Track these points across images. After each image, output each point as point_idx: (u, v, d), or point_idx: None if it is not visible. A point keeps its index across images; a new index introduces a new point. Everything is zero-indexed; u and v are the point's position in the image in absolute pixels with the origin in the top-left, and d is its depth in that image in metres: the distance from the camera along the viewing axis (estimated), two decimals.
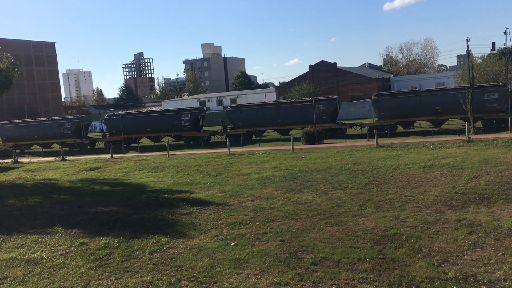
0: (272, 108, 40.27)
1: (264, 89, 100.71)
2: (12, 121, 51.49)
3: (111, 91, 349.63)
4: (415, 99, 36.48)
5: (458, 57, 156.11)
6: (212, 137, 42.97)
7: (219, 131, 43.16)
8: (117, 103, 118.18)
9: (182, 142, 41.79)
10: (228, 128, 41.91)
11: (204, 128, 43.74)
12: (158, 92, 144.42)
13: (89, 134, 49.48)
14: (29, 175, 26.33)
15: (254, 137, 40.46)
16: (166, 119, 42.42)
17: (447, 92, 36.37)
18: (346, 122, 42.52)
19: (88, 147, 45.18)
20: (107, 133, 45.90)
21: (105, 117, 46.21)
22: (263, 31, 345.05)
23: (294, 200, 14.85)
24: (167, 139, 39.91)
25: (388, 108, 36.73)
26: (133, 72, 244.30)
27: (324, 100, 39.16)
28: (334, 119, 38.34)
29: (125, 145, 41.28)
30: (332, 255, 9.67)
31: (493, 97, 34.14)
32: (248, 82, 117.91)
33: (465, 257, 9.12)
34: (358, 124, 39.41)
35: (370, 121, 39.86)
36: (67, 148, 43.17)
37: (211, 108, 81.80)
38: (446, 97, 35.47)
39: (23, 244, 12.16)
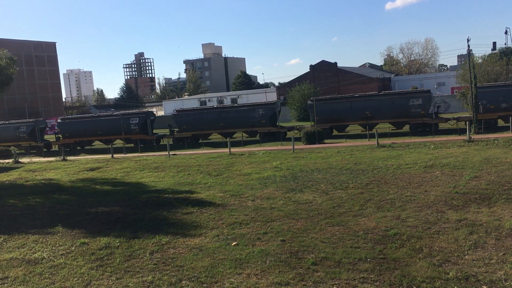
0: (215, 112, 41.79)
1: (264, 89, 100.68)
2: None
3: (112, 91, 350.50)
4: (347, 104, 38.02)
5: (459, 57, 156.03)
6: (162, 139, 44.16)
7: (167, 134, 44.65)
8: (117, 103, 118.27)
9: (132, 145, 43.26)
10: (175, 132, 43.27)
11: (154, 131, 45.35)
12: (158, 92, 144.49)
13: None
14: (29, 175, 26.35)
15: (200, 140, 42.15)
16: (115, 123, 43.56)
17: (375, 98, 37.89)
18: (286, 125, 44.14)
19: (44, 149, 45.55)
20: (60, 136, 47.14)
21: (59, 120, 47.63)
22: (263, 31, 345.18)
23: (295, 200, 14.85)
24: (122, 142, 42.24)
25: (322, 112, 38.06)
26: (133, 72, 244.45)
27: (263, 105, 40.77)
28: (273, 123, 39.68)
29: (78, 148, 42.69)
30: (333, 255, 9.67)
31: (418, 102, 35.55)
32: (248, 82, 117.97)
33: (466, 257, 9.11)
34: (297, 127, 40.77)
35: (308, 125, 41.21)
36: (22, 150, 44.42)
37: None
38: (375, 102, 37.05)
39: (24, 244, 12.17)
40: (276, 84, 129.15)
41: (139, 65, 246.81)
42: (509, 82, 38.36)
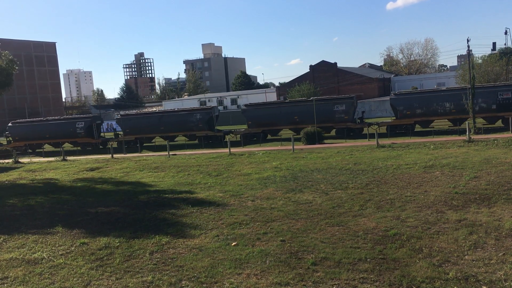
0: (156, 116, 43.37)
1: (264, 89, 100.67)
2: None
3: (112, 91, 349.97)
4: (277, 110, 39.84)
5: (459, 57, 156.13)
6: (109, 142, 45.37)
7: (113, 137, 46.33)
8: (117, 103, 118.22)
9: (79, 148, 44.44)
10: (120, 135, 44.83)
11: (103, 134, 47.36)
12: (158, 92, 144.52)
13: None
14: (29, 175, 26.35)
15: (145, 144, 43.30)
16: (62, 127, 45.17)
17: (303, 103, 39.77)
18: (225, 129, 45.63)
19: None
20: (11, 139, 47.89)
21: (9, 124, 48.54)
22: (264, 31, 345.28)
23: (295, 200, 14.85)
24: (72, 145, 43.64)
25: (255, 117, 39.99)
26: (133, 72, 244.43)
27: (200, 110, 42.71)
28: (211, 127, 41.15)
29: (29, 150, 43.66)
30: (333, 255, 9.67)
31: (341, 108, 37.53)
32: (248, 82, 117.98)
33: (466, 257, 9.12)
34: (233, 131, 42.46)
35: (243, 129, 42.82)
36: None
37: None
38: (303, 107, 38.84)
39: (23, 244, 12.17)
40: (276, 84, 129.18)
41: (139, 65, 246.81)
42: (424, 90, 40.85)
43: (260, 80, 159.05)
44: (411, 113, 36.39)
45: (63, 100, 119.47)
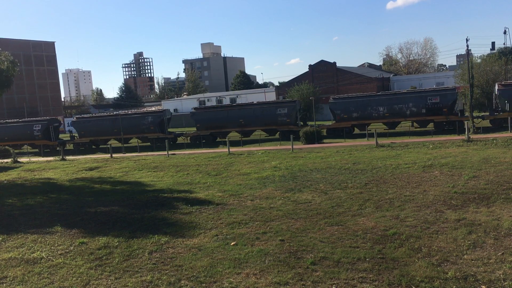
0: (110, 119, 44.95)
1: (263, 88, 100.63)
2: None
3: (111, 91, 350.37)
4: (224, 113, 41.28)
5: (458, 56, 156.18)
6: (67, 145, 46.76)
7: (69, 139, 47.79)
8: (116, 103, 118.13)
9: (37, 150, 45.36)
10: (76, 137, 46.24)
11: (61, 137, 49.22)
12: (157, 91, 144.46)
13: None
14: (28, 174, 26.33)
15: (101, 145, 44.86)
16: (21, 129, 46.39)
17: (248, 107, 41.40)
18: (177, 131, 47.78)
19: None
20: None
21: None
22: (264, 31, 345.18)
23: (294, 199, 14.85)
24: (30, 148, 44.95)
25: (204, 120, 41.54)
26: (132, 72, 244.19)
27: (152, 113, 44.77)
28: (162, 129, 42.63)
29: None
30: (332, 254, 9.67)
31: (284, 111, 39.03)
32: (247, 82, 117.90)
33: (465, 256, 9.12)
34: (184, 133, 44.24)
35: (192, 131, 44.38)
36: None
37: None
38: (248, 111, 40.42)
39: (22, 243, 12.16)
40: (276, 83, 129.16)
41: (138, 64, 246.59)
42: (360, 94, 42.05)
43: (260, 80, 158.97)
44: (348, 117, 38.27)
45: (62, 99, 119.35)
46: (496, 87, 36.32)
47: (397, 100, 36.97)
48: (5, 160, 34.72)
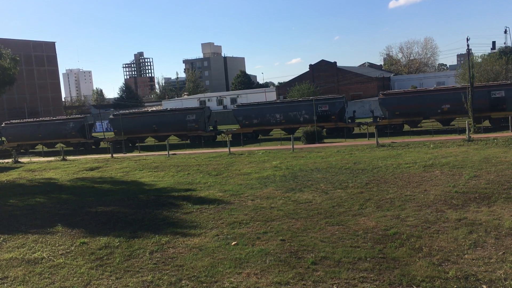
0: (36, 125, 46.81)
1: (264, 88, 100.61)
2: None
3: (111, 91, 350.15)
4: (140, 119, 43.80)
5: (459, 56, 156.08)
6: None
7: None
8: (117, 103, 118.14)
9: None
10: (4, 141, 49.08)
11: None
12: (158, 91, 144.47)
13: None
14: (29, 174, 26.35)
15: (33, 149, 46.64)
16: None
17: (161, 113, 44.38)
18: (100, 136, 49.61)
19: None
20: None
21: None
22: (264, 30, 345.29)
23: (295, 199, 14.86)
24: None
25: (122, 126, 43.56)
26: (133, 72, 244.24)
27: (73, 119, 46.85)
28: (83, 135, 45.02)
29: None
30: (333, 254, 9.67)
31: (192, 118, 41.23)
32: (248, 82, 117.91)
33: (466, 256, 9.12)
34: (106, 137, 46.15)
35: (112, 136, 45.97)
36: None
37: (211, 108, 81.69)
38: (161, 117, 43.01)
39: (23, 243, 12.17)
40: (276, 83, 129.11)
41: (139, 64, 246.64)
42: (261, 102, 44.69)
43: (260, 80, 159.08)
44: (249, 123, 40.41)
45: (63, 99, 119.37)
46: (379, 96, 39.26)
47: (292, 108, 39.65)
48: (6, 160, 34.75)
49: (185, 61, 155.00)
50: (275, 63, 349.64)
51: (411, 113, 36.62)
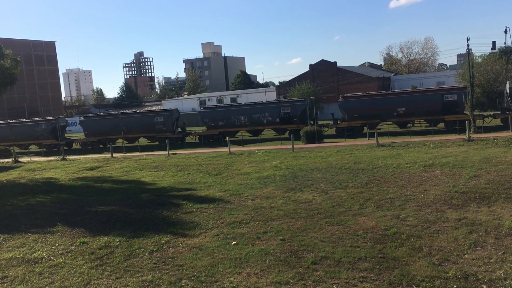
0: (8, 126, 47.85)
1: (264, 88, 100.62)
2: None
3: (111, 91, 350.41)
4: (109, 121, 44.86)
5: (459, 56, 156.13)
6: None
7: None
8: (117, 103, 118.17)
9: None
10: None
11: None
12: (158, 91, 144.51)
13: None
14: (29, 174, 26.35)
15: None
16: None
17: (130, 116, 45.19)
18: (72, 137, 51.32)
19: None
20: None
21: None
22: (265, 30, 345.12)
23: (295, 199, 14.85)
24: None
25: (92, 128, 44.97)
26: (133, 72, 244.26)
27: (45, 121, 47.58)
28: (56, 136, 45.80)
29: None
30: (333, 254, 9.68)
31: (160, 120, 42.19)
32: (248, 82, 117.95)
33: (466, 256, 9.12)
34: (78, 139, 47.45)
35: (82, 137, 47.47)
36: None
37: None
38: (130, 119, 43.98)
39: (23, 243, 12.17)
40: (276, 83, 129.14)
41: (139, 64, 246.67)
42: (225, 104, 46.40)
43: (260, 80, 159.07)
44: (215, 125, 41.63)
45: (63, 99, 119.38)
46: (339, 100, 40.73)
47: (256, 110, 40.67)
48: (6, 160, 34.75)
49: (185, 61, 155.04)
50: (275, 63, 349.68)
51: (369, 115, 37.56)
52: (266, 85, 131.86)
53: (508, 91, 36.42)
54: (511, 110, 35.14)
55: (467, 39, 33.88)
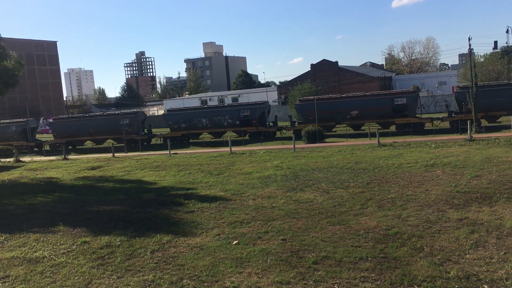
0: None
1: (265, 88, 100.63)
2: None
3: (113, 90, 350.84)
4: (77, 123, 45.98)
5: (460, 55, 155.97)
6: None
7: None
8: (118, 102, 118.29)
9: None
10: None
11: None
12: (159, 91, 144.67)
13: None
14: (30, 174, 26.38)
15: None
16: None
17: (96, 118, 46.42)
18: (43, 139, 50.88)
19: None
20: None
21: None
22: (266, 30, 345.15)
23: (296, 199, 14.85)
24: None
25: (60, 129, 46.15)
26: (134, 71, 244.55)
27: (15, 123, 48.05)
28: (26, 138, 46.31)
29: None
30: (334, 254, 9.67)
31: (126, 122, 43.48)
32: (249, 81, 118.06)
33: (467, 256, 9.11)
34: (48, 141, 47.66)
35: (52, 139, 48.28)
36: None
37: None
38: (97, 121, 45.16)
39: (25, 243, 12.18)
40: (277, 83, 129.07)
41: (140, 64, 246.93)
42: (188, 107, 47.37)
43: (261, 79, 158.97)
44: (178, 127, 42.77)
45: (64, 99, 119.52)
46: (296, 103, 41.74)
47: (217, 113, 41.93)
48: (7, 159, 34.80)
49: (187, 61, 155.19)
50: (276, 63, 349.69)
51: (323, 118, 37.95)
52: (267, 84, 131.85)
53: (455, 95, 37.83)
54: (457, 113, 36.37)
55: (469, 39, 34.08)
